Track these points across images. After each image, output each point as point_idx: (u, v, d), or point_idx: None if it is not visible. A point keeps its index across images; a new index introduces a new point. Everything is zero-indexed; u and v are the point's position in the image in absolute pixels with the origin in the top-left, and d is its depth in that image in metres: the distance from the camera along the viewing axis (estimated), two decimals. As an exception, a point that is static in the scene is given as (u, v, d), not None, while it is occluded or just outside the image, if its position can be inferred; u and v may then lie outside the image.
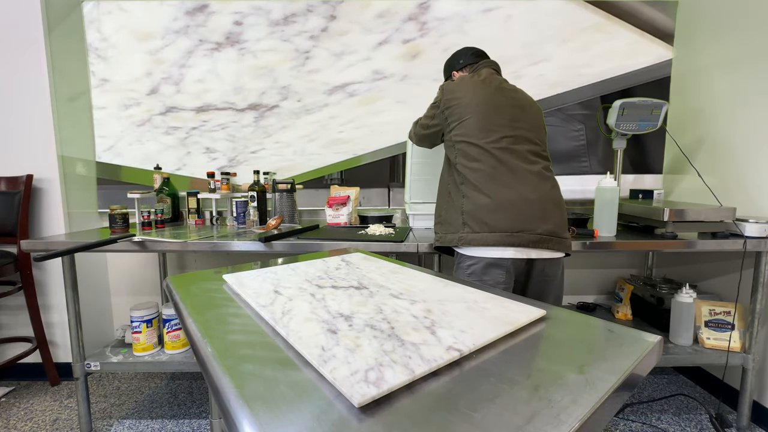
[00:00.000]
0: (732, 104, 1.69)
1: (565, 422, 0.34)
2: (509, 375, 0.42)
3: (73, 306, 1.46)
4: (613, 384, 0.40)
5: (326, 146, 2.01)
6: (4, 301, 1.90)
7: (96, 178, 1.99)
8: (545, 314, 0.59)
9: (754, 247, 1.36)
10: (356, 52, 1.93)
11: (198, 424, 1.61)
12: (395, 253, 1.35)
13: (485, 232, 1.09)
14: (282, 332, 0.51)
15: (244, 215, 1.71)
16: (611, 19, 1.91)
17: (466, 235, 1.11)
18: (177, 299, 0.68)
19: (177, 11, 1.90)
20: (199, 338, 0.52)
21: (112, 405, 1.77)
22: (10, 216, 1.76)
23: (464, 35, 1.91)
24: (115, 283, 2.09)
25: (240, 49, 1.93)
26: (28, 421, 1.63)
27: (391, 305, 0.60)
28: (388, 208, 2.04)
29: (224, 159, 2.02)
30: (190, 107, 1.97)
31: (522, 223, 1.08)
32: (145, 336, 1.57)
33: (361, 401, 0.35)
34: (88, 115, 1.96)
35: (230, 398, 0.38)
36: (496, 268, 1.10)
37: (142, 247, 1.38)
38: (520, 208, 1.08)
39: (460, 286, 0.71)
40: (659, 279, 1.88)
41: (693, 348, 1.54)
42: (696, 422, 1.59)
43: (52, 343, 1.94)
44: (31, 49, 1.79)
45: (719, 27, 1.75)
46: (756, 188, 1.58)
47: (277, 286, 0.71)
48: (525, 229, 1.08)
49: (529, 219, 1.08)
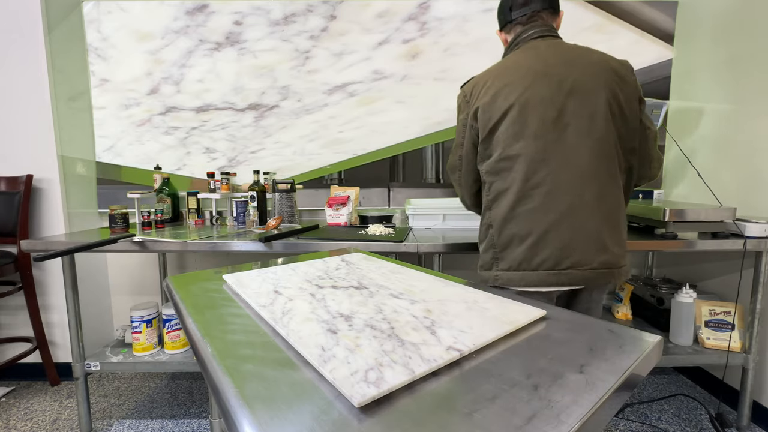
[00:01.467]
0: (732, 104, 1.69)
1: (565, 422, 0.34)
2: (509, 375, 0.42)
3: (73, 306, 1.46)
4: (613, 384, 0.40)
5: (326, 146, 2.01)
6: (4, 301, 1.90)
7: (96, 178, 1.99)
8: (545, 314, 0.59)
9: (754, 247, 1.36)
10: (356, 52, 1.93)
11: (198, 424, 1.61)
12: (395, 253, 1.35)
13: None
14: (282, 332, 0.51)
15: (244, 215, 1.71)
16: (611, 18, 1.91)
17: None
18: (177, 299, 0.68)
19: (177, 11, 1.90)
20: (199, 338, 0.52)
21: (112, 405, 1.77)
22: (10, 216, 1.76)
23: (464, 35, 1.91)
24: (115, 283, 2.09)
25: (240, 49, 1.93)
26: (28, 421, 1.63)
27: (391, 305, 0.60)
28: (388, 208, 2.04)
29: (224, 159, 2.02)
30: (190, 107, 1.97)
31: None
32: (145, 336, 1.57)
33: (361, 401, 0.35)
34: (88, 115, 1.96)
35: (230, 398, 0.38)
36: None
37: (142, 247, 1.38)
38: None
39: (460, 286, 0.71)
40: (659, 279, 1.88)
41: (693, 348, 1.54)
42: (696, 422, 1.59)
43: (52, 343, 1.94)
44: (31, 49, 1.79)
45: (719, 27, 1.75)
46: (756, 188, 1.58)
47: (277, 286, 0.71)
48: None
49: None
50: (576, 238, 0.89)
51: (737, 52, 1.66)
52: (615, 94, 0.92)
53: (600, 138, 0.90)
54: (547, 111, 0.89)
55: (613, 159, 0.92)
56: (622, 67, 0.96)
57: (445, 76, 1.95)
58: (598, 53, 0.97)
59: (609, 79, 0.92)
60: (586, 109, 0.90)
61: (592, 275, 0.90)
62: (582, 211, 0.89)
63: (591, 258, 0.90)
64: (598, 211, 0.90)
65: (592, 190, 0.90)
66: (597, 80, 0.91)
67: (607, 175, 0.91)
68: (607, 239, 0.91)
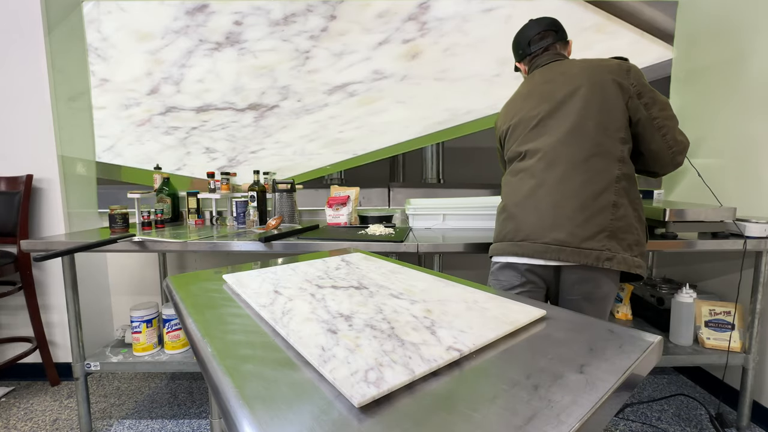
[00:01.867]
0: (732, 104, 1.69)
1: (565, 422, 0.34)
2: (509, 375, 0.42)
3: (73, 306, 1.46)
4: (613, 384, 0.40)
5: (326, 146, 2.01)
6: (4, 301, 1.90)
7: (96, 178, 1.99)
8: (545, 314, 0.59)
9: (755, 247, 1.36)
10: (356, 52, 1.93)
11: (198, 424, 1.61)
12: (395, 253, 1.35)
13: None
14: (282, 332, 0.51)
15: (244, 215, 1.71)
16: (611, 18, 1.91)
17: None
18: (177, 299, 0.68)
19: (177, 11, 1.90)
20: (199, 338, 0.52)
21: (112, 405, 1.77)
22: (10, 216, 1.76)
23: (464, 35, 1.91)
24: (115, 283, 2.09)
25: (240, 49, 1.93)
26: (28, 421, 1.63)
27: (391, 305, 0.60)
28: (388, 208, 2.04)
29: (224, 159, 2.02)
30: (190, 107, 1.97)
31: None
32: (145, 336, 1.57)
33: (361, 401, 0.35)
34: (88, 115, 1.96)
35: (230, 398, 0.38)
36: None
37: (142, 247, 1.38)
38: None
39: (460, 286, 0.71)
40: (659, 279, 1.88)
41: (693, 348, 1.54)
42: (696, 422, 1.59)
43: (52, 343, 1.94)
44: (31, 49, 1.79)
45: (719, 27, 1.75)
46: (756, 188, 1.58)
47: (277, 286, 0.71)
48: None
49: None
50: (532, 214, 1.04)
51: (737, 52, 1.66)
52: (594, 91, 1.03)
53: (569, 132, 1.03)
54: (530, 121, 1.11)
55: (586, 148, 1.02)
56: (608, 67, 1.05)
57: (445, 76, 1.95)
58: (580, 62, 1.10)
59: (588, 80, 1.04)
60: (556, 113, 1.06)
61: (542, 248, 1.01)
62: (541, 190, 1.03)
63: (543, 233, 1.01)
64: (558, 192, 1.01)
65: (555, 174, 1.02)
66: (576, 90, 1.05)
67: (578, 162, 1.01)
68: (566, 219, 0.99)
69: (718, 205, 1.42)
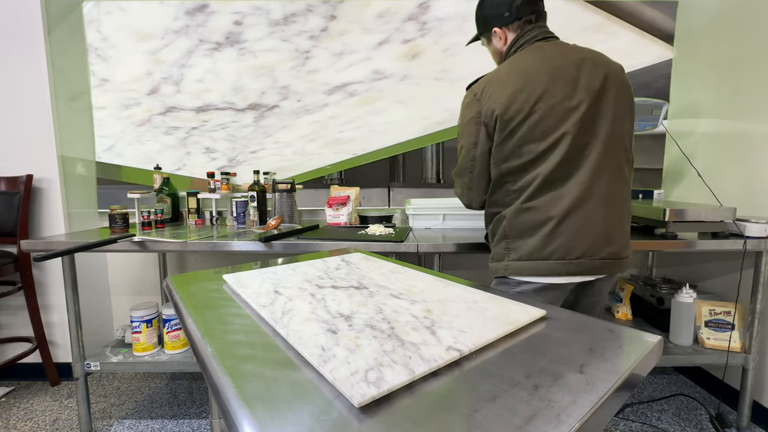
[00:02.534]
0: (732, 104, 1.69)
1: (565, 422, 0.34)
2: (509, 375, 0.42)
3: (73, 306, 1.46)
4: (613, 384, 0.40)
5: (326, 146, 2.01)
6: (4, 301, 1.90)
7: (96, 178, 1.99)
8: (545, 314, 0.59)
9: (754, 247, 1.36)
10: (356, 52, 1.93)
11: (198, 424, 1.61)
12: (395, 253, 1.35)
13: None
14: (282, 332, 0.51)
15: (244, 215, 1.71)
16: (611, 18, 1.91)
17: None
18: (177, 299, 0.68)
19: (177, 11, 1.90)
20: (199, 338, 0.52)
21: (112, 405, 1.77)
22: (10, 216, 1.76)
23: (464, 35, 1.91)
24: (115, 283, 2.09)
25: (240, 49, 1.93)
26: (28, 421, 1.63)
27: (391, 305, 0.60)
28: (388, 208, 2.04)
29: (224, 159, 2.02)
30: (190, 107, 1.97)
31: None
32: (145, 336, 1.57)
33: (361, 401, 0.35)
34: (88, 115, 1.96)
35: (230, 398, 0.38)
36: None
37: (142, 247, 1.38)
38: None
39: (460, 286, 0.71)
40: (659, 279, 1.88)
41: (693, 348, 1.54)
42: (696, 422, 1.59)
43: (52, 343, 1.94)
44: (31, 50, 1.79)
45: (719, 27, 1.75)
46: (756, 188, 1.58)
47: (277, 286, 0.71)
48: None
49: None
50: (585, 228, 0.92)
51: (737, 52, 1.66)
52: (621, 92, 0.95)
53: (609, 134, 0.93)
54: (568, 114, 0.91)
55: (620, 153, 0.96)
56: (620, 68, 1.00)
57: (445, 76, 1.95)
58: (600, 54, 1.00)
59: (616, 79, 0.95)
60: (598, 107, 0.93)
61: (600, 265, 0.94)
62: (590, 202, 0.92)
63: (599, 248, 0.93)
64: (605, 204, 0.93)
65: (601, 183, 0.93)
66: (608, 81, 0.94)
67: (615, 168, 0.95)
68: (613, 230, 0.95)
69: (718, 205, 1.42)
